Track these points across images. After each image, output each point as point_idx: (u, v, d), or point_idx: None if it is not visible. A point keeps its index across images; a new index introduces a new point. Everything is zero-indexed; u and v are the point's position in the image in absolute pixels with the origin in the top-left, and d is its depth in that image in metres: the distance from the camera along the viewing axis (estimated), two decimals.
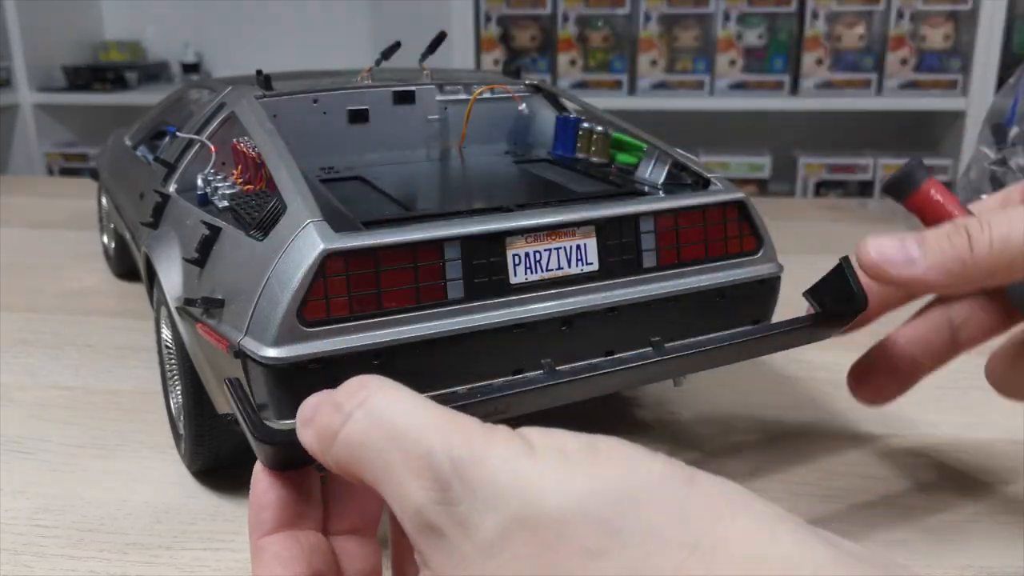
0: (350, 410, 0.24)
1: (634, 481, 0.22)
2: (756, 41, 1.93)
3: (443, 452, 0.22)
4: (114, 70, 2.25)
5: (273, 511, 0.27)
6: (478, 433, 0.23)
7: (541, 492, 0.21)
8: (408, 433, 0.23)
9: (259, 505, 0.27)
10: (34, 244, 1.06)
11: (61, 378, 0.69)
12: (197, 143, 0.61)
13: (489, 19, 1.96)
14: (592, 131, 0.62)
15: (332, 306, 0.42)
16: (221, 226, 0.49)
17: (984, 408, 0.62)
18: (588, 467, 0.22)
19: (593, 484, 0.22)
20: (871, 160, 1.95)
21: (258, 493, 0.27)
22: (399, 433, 0.23)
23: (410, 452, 0.23)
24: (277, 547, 0.27)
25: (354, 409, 0.24)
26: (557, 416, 0.31)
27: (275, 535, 0.27)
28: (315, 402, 0.26)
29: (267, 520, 0.27)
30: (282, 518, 0.27)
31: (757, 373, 0.68)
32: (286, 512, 0.27)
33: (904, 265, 0.36)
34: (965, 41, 1.84)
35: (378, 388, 0.24)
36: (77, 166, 2.26)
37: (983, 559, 0.45)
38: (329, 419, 0.24)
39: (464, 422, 0.23)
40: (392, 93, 0.66)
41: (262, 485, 0.27)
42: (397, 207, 0.51)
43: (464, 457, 0.22)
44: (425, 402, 0.24)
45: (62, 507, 0.51)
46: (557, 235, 0.47)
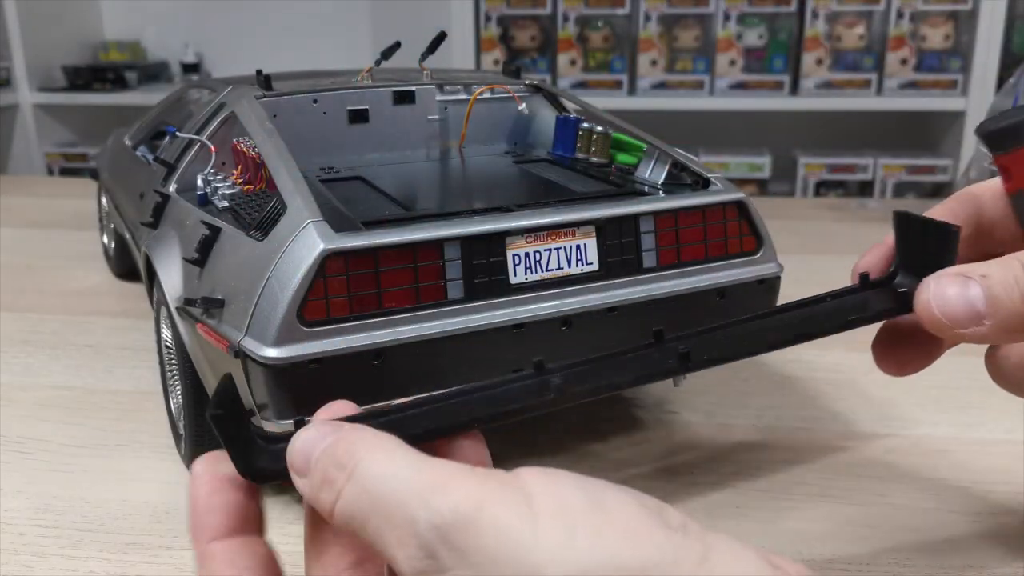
0: (340, 486, 0.23)
1: (644, 556, 0.20)
2: (756, 41, 1.93)
3: (427, 520, 0.21)
4: (114, 70, 2.25)
5: (221, 515, 0.26)
6: (468, 492, 0.22)
7: (538, 562, 0.20)
8: (392, 502, 0.22)
9: (205, 508, 0.26)
10: (34, 244, 1.06)
11: (61, 378, 0.69)
12: (197, 143, 0.61)
13: (489, 19, 1.96)
14: (592, 131, 0.62)
15: (332, 306, 0.42)
16: (221, 226, 0.49)
17: (984, 408, 0.62)
18: (593, 534, 0.20)
19: (598, 556, 0.20)
20: (871, 160, 1.95)
21: (203, 496, 0.26)
22: (384, 504, 0.22)
23: (395, 522, 0.22)
24: (231, 554, 0.26)
25: (344, 484, 0.23)
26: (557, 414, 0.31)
27: (226, 541, 0.26)
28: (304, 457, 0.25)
29: (215, 525, 0.26)
30: (231, 523, 0.26)
31: (757, 373, 0.68)
32: (234, 517, 0.26)
33: (969, 322, 0.33)
34: (965, 41, 1.84)
35: (366, 453, 0.23)
36: (77, 166, 2.26)
37: (983, 559, 0.45)
38: (325, 494, 0.24)
39: (454, 480, 0.22)
40: (392, 93, 0.66)
41: (207, 488, 0.26)
42: (397, 207, 0.51)
43: (452, 522, 0.21)
44: (415, 461, 0.23)
45: (62, 507, 0.51)
46: (557, 235, 0.47)
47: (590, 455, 0.56)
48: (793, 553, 0.46)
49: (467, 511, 0.21)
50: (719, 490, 0.52)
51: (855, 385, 0.66)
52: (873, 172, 1.95)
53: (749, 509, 0.50)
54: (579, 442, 0.58)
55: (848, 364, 0.69)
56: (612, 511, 0.21)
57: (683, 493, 0.52)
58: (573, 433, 0.59)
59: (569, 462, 0.55)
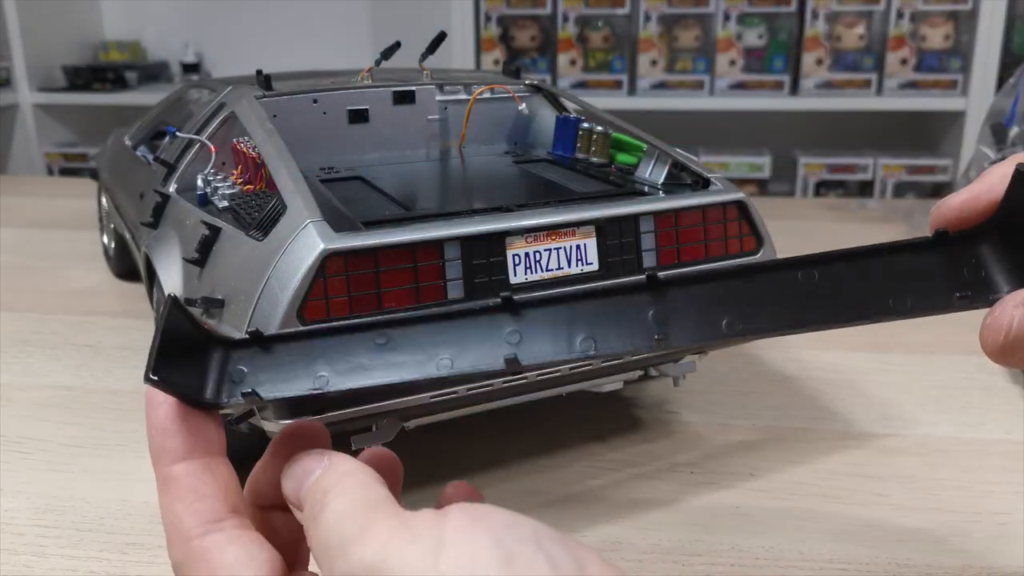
0: (311, 534, 0.25)
1: None
2: (756, 41, 1.93)
3: (340, 569, 0.23)
4: (114, 70, 2.25)
5: (181, 437, 0.26)
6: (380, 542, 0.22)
7: None
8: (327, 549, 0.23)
9: (164, 431, 0.26)
10: (34, 244, 1.06)
11: (61, 378, 0.69)
12: (197, 143, 0.61)
13: (489, 19, 1.96)
14: (592, 131, 0.62)
15: (332, 306, 0.42)
16: (221, 226, 0.49)
17: (984, 408, 0.62)
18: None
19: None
20: (871, 160, 1.95)
21: (160, 417, 0.26)
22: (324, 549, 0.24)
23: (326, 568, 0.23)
24: (192, 478, 0.26)
25: (312, 533, 0.25)
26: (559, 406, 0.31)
27: (186, 463, 0.26)
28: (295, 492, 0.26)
29: (175, 447, 0.26)
30: (191, 444, 0.26)
31: (757, 373, 0.68)
32: (195, 438, 0.26)
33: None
34: (965, 41, 1.84)
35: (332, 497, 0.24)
36: (77, 166, 2.26)
37: (983, 559, 0.45)
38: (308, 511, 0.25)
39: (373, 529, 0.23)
40: (392, 93, 0.66)
41: (164, 409, 0.26)
42: (397, 207, 0.51)
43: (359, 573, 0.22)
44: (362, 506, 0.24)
45: (62, 507, 0.51)
46: (557, 235, 0.47)
47: (590, 455, 0.56)
48: (793, 553, 0.46)
49: (372, 561, 0.22)
50: (719, 490, 0.52)
51: (855, 385, 0.66)
52: (873, 172, 1.95)
53: (749, 509, 0.50)
54: (579, 442, 0.58)
55: (848, 364, 0.69)
56: (518, 570, 0.21)
57: (683, 493, 0.52)
58: (573, 433, 0.59)
59: (568, 461, 0.55)
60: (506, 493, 0.52)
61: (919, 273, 0.28)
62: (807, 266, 0.28)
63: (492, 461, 0.55)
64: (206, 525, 0.25)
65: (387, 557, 0.22)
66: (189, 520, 0.25)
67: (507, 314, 0.28)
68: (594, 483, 0.53)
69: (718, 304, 0.28)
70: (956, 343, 0.73)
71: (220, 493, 0.26)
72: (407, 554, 0.22)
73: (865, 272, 0.28)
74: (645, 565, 0.45)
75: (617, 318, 0.28)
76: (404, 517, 0.23)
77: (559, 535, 0.23)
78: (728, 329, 0.28)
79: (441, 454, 0.56)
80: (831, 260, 0.28)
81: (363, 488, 0.25)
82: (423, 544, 0.22)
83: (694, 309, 0.28)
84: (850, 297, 0.28)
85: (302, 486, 0.26)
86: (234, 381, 0.27)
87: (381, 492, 0.25)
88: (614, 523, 0.49)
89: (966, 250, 0.28)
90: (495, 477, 0.54)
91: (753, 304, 0.28)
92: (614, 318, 0.28)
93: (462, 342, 0.28)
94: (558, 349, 0.28)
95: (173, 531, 0.26)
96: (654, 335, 0.28)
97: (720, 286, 0.28)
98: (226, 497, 0.26)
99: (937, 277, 0.28)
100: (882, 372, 0.68)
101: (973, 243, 0.28)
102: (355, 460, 0.26)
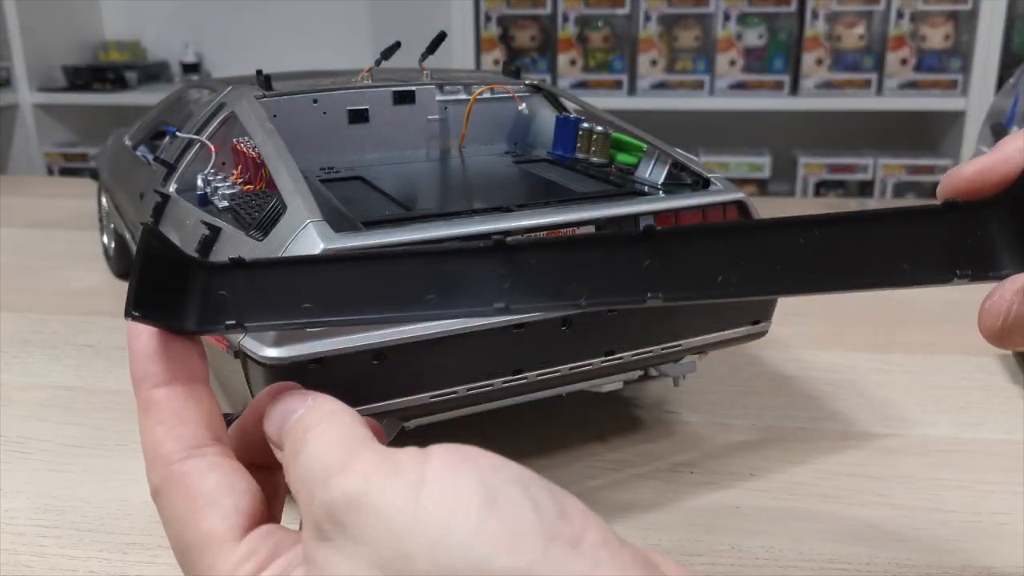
0: (291, 472, 0.24)
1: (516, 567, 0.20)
2: (756, 41, 1.93)
3: (320, 498, 0.22)
4: (114, 70, 2.25)
5: (164, 363, 0.26)
6: (362, 474, 0.22)
7: (409, 552, 0.20)
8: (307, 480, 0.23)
9: (146, 355, 0.26)
10: (34, 244, 1.06)
11: (61, 378, 0.69)
12: (197, 143, 0.61)
13: (489, 19, 1.96)
14: (592, 131, 0.62)
15: None
16: (221, 226, 0.49)
17: (984, 408, 0.62)
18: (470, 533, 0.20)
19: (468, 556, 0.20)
20: (871, 160, 1.95)
21: (143, 342, 0.26)
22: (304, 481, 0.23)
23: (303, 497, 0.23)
24: (175, 402, 0.25)
25: (292, 470, 0.24)
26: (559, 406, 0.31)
27: (169, 387, 0.26)
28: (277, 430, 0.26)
29: (158, 372, 0.26)
30: (175, 370, 0.26)
31: (757, 373, 0.68)
32: (178, 364, 0.26)
33: None
34: (965, 41, 1.84)
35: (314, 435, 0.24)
36: (77, 166, 2.26)
37: (983, 559, 0.45)
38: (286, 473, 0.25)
39: (355, 461, 0.23)
40: (392, 93, 0.66)
41: (146, 335, 0.26)
42: (397, 207, 0.51)
43: (339, 502, 0.22)
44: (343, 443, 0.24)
45: (62, 507, 0.51)
46: (557, 235, 0.47)
47: (590, 455, 0.56)
48: (793, 553, 0.46)
49: (354, 493, 0.22)
50: (719, 490, 0.52)
51: (855, 385, 0.66)
52: (873, 172, 1.96)
53: (749, 509, 0.50)
54: (578, 441, 0.58)
55: (848, 364, 0.69)
56: (501, 510, 0.21)
57: (683, 493, 0.52)
58: (573, 433, 0.59)
59: (568, 461, 0.55)
60: None
61: (922, 243, 0.27)
62: (807, 226, 0.27)
63: None
64: (188, 450, 0.25)
65: (368, 490, 0.22)
66: (170, 444, 0.25)
67: (499, 257, 0.28)
68: (594, 483, 0.53)
69: (715, 262, 0.27)
70: (956, 343, 0.73)
71: (203, 420, 0.26)
72: (388, 488, 0.21)
73: (867, 238, 0.27)
74: None
75: (611, 270, 0.27)
76: (387, 453, 0.23)
77: (545, 482, 0.22)
78: (722, 287, 0.27)
79: None
80: (832, 222, 0.27)
81: (346, 427, 0.24)
82: (405, 478, 0.21)
83: (689, 265, 0.27)
84: (849, 262, 0.27)
85: (284, 424, 0.25)
86: (217, 309, 0.27)
87: (364, 431, 0.24)
88: (614, 523, 0.49)
89: (974, 223, 0.27)
90: None
91: (750, 264, 0.27)
92: (608, 269, 0.27)
93: (452, 281, 0.28)
94: (549, 296, 0.27)
95: (153, 455, 0.25)
96: (647, 292, 0.27)
97: (718, 242, 0.27)
98: (209, 424, 0.26)
99: (940, 249, 0.27)
100: (882, 372, 0.68)
101: (982, 216, 0.27)
102: (339, 401, 0.26)
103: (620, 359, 0.49)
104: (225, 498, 0.24)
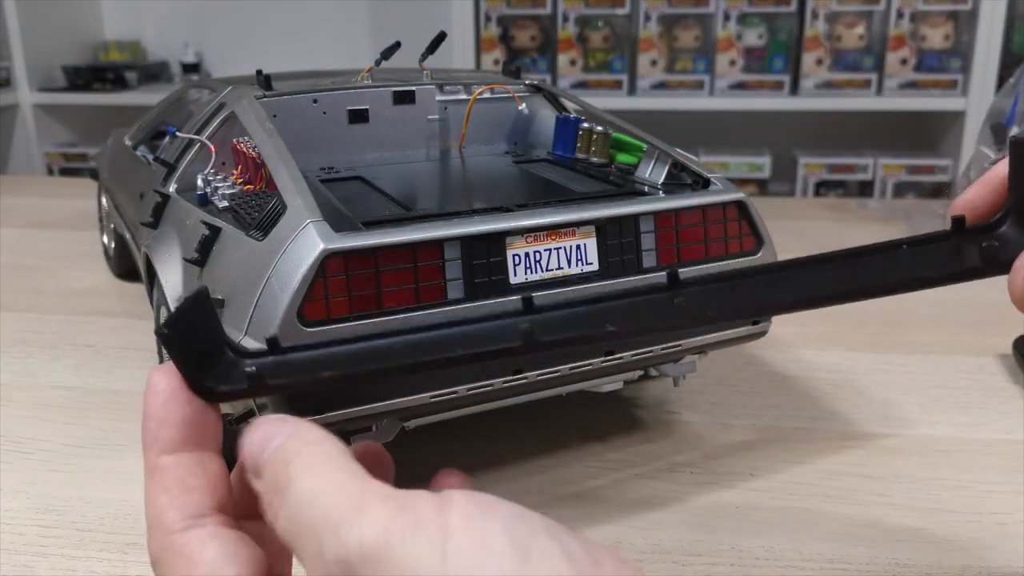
0: (276, 508, 0.23)
1: None
2: (756, 41, 1.93)
3: (333, 552, 0.21)
4: (114, 70, 2.25)
5: (176, 429, 0.25)
6: (379, 524, 0.21)
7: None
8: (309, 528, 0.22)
9: (159, 420, 0.25)
10: (34, 244, 1.06)
11: (61, 378, 0.69)
12: (197, 143, 0.61)
13: (489, 19, 1.96)
14: (592, 131, 0.62)
15: (332, 306, 0.42)
16: (221, 226, 0.49)
17: (984, 408, 0.62)
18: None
19: None
20: (871, 160, 1.95)
21: (158, 405, 0.25)
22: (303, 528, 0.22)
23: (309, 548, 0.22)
24: (181, 470, 0.25)
25: (279, 507, 0.23)
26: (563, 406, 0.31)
27: (177, 455, 0.25)
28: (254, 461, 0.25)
29: (168, 438, 0.25)
30: (185, 436, 0.25)
31: (757, 373, 0.68)
32: (189, 431, 0.25)
33: None
34: (965, 41, 1.84)
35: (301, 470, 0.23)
36: (77, 166, 2.26)
37: (983, 559, 0.45)
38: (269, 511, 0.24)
39: (368, 508, 0.21)
40: (392, 93, 0.66)
41: (162, 399, 0.25)
42: (397, 207, 0.51)
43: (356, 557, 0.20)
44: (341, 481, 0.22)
45: (62, 507, 0.51)
46: (557, 235, 0.47)
47: (590, 455, 0.56)
48: (793, 553, 0.46)
49: (373, 547, 0.20)
50: (719, 490, 0.52)
51: (855, 385, 0.66)
52: (873, 172, 1.96)
53: (749, 509, 0.50)
54: (579, 441, 0.58)
55: (848, 364, 0.69)
56: (535, 561, 0.20)
57: (683, 493, 0.52)
58: (573, 433, 0.59)
59: (568, 461, 0.55)
60: (506, 493, 0.52)
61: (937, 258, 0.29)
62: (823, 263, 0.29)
63: (492, 461, 0.55)
64: (189, 520, 0.25)
65: (389, 542, 0.20)
66: (172, 513, 0.25)
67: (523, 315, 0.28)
68: (594, 483, 0.53)
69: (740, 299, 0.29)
70: (956, 343, 0.73)
71: (208, 488, 0.25)
72: (411, 541, 0.20)
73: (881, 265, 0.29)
74: (645, 565, 0.45)
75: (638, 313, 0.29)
76: (401, 498, 0.21)
77: (569, 530, 0.21)
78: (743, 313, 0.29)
79: (441, 454, 0.56)
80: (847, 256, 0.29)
81: (336, 460, 0.23)
82: (428, 530, 0.20)
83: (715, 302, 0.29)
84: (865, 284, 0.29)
85: (263, 452, 0.24)
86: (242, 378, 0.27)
87: (357, 466, 0.23)
88: (614, 523, 0.49)
89: (984, 237, 0.29)
90: (495, 477, 0.54)
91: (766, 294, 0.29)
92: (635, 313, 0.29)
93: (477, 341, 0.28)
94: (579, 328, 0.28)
95: (155, 523, 0.25)
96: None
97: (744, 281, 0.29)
98: (213, 493, 0.25)
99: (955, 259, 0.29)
100: (882, 372, 0.68)
101: (990, 231, 0.29)
102: (323, 430, 0.25)
103: (620, 359, 0.49)
104: (225, 568, 0.24)
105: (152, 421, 0.25)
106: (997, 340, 0.72)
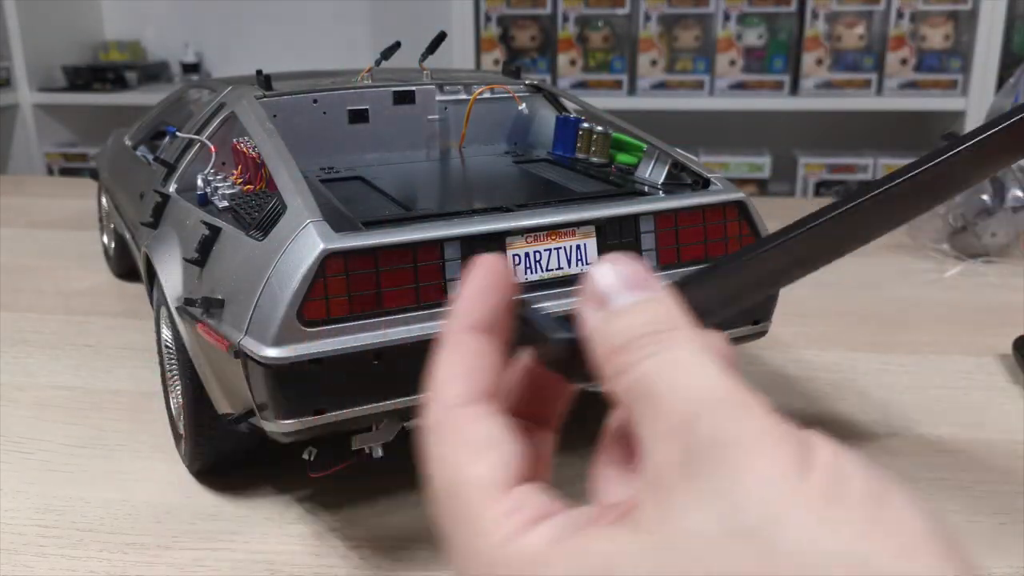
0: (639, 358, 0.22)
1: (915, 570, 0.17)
2: (756, 41, 1.93)
3: (708, 433, 0.19)
4: (114, 70, 2.25)
5: (487, 310, 0.26)
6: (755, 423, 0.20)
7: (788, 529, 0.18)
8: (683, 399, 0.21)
9: (479, 294, 0.26)
10: (34, 244, 1.06)
11: (61, 378, 0.69)
12: (197, 143, 0.61)
13: (489, 19, 1.96)
14: (592, 131, 0.62)
15: (332, 306, 0.42)
16: (221, 226, 0.49)
17: (984, 408, 0.62)
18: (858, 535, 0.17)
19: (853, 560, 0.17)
20: (871, 160, 1.95)
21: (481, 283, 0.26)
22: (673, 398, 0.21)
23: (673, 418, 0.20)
24: (476, 348, 0.25)
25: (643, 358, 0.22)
26: None
27: (478, 335, 0.26)
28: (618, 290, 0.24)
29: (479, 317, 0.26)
30: (492, 322, 0.26)
31: (757, 373, 0.68)
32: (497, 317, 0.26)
33: None
34: (965, 41, 1.84)
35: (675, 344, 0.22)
36: (77, 166, 2.26)
37: (983, 559, 0.45)
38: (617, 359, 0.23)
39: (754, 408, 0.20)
40: (392, 93, 0.66)
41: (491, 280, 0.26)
42: (397, 207, 0.51)
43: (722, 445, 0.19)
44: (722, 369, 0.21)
45: (62, 507, 0.51)
46: (557, 235, 0.47)
47: (590, 455, 0.56)
48: None
49: (742, 441, 0.19)
50: None
51: (855, 385, 0.66)
52: (873, 172, 1.96)
53: None
54: (578, 441, 0.58)
55: (848, 364, 0.69)
56: (896, 513, 0.18)
57: None
58: (572, 432, 0.59)
59: (568, 461, 0.55)
60: None
61: None
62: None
63: None
64: (469, 397, 0.25)
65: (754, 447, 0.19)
66: (456, 388, 0.25)
67: None
68: None
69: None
70: (956, 343, 0.73)
71: (493, 375, 0.25)
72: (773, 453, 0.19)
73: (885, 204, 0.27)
74: None
75: None
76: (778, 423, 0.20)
77: None
78: None
79: None
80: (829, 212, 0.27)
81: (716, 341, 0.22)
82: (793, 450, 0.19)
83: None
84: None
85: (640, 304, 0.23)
86: None
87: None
88: None
89: None
90: None
91: None
92: None
93: None
94: None
95: (436, 395, 0.25)
96: None
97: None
98: (495, 379, 0.25)
99: None
100: (882, 372, 0.68)
101: None
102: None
103: None
104: (494, 449, 0.24)
105: (473, 294, 0.26)
106: (997, 340, 0.72)
